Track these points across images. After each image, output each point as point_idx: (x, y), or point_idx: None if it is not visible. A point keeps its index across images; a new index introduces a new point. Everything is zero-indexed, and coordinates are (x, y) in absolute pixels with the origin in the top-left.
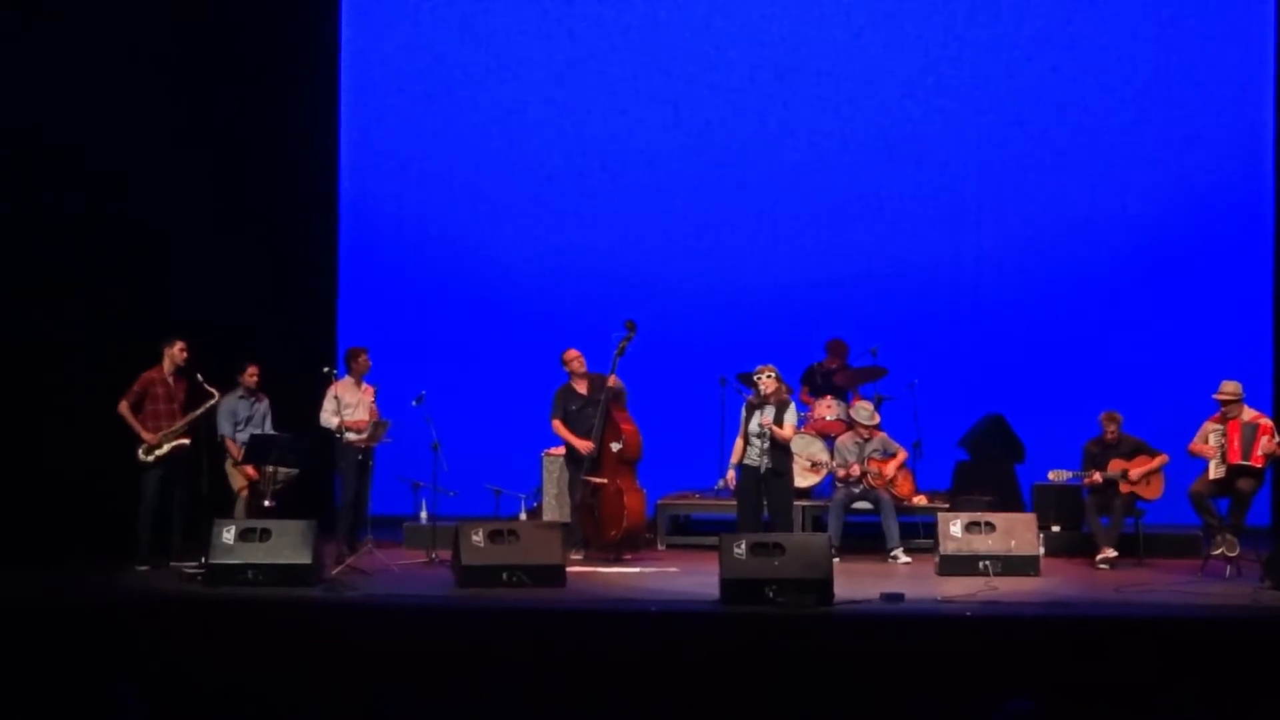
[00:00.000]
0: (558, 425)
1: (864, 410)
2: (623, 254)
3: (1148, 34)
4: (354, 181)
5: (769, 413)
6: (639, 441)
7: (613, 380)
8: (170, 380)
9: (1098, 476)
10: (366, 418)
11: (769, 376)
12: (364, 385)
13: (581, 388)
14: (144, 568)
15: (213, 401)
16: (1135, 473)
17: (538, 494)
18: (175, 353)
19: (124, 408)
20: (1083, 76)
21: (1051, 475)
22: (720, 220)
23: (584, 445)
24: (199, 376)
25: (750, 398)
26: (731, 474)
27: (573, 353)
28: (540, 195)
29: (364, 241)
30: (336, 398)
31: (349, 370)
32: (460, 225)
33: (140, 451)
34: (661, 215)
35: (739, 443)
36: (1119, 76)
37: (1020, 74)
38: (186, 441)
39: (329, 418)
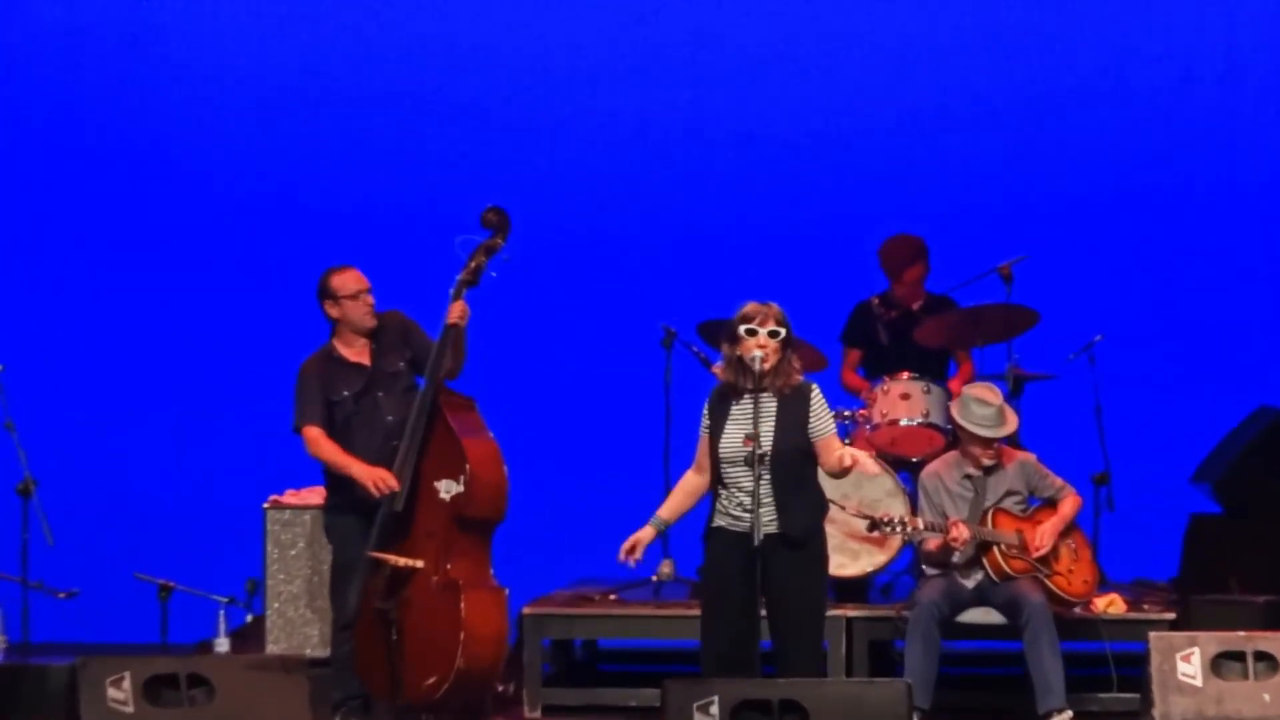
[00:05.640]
0: (313, 435)
1: (981, 399)
2: None
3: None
4: None
5: (768, 410)
6: (499, 477)
7: (458, 309)
8: None
9: None
10: None
11: (768, 333)
12: None
13: (356, 352)
14: None
15: None
16: None
17: (256, 592)
18: None
19: None
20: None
21: None
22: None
23: (373, 475)
24: None
25: (720, 379)
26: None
27: (349, 275)
28: None
29: None
30: None
31: None
32: None
33: None
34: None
35: (692, 476)
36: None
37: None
38: None
39: None
